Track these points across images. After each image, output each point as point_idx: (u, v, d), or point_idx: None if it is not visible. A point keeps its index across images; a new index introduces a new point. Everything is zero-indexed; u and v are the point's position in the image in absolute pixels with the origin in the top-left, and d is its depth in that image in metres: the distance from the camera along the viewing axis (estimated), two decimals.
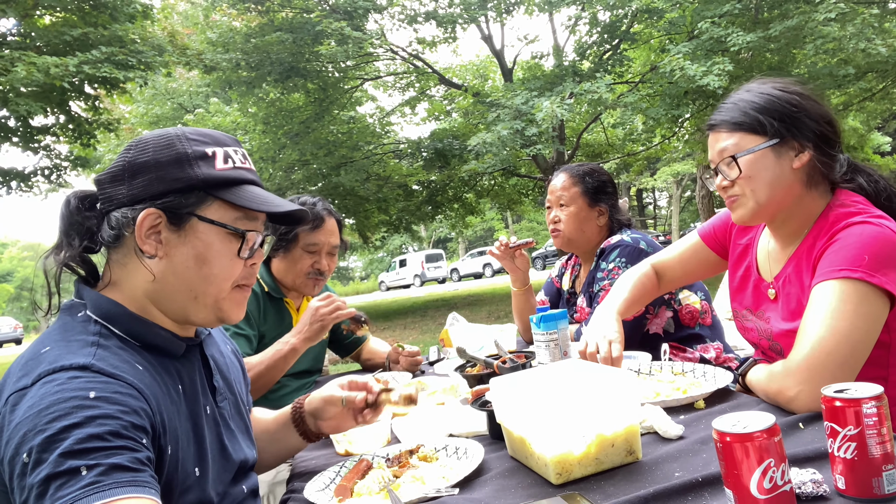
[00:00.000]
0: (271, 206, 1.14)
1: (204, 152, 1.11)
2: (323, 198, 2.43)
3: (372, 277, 46.32)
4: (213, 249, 1.11)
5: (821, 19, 9.74)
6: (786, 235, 1.56)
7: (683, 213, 36.07)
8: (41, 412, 0.90)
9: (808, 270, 1.45)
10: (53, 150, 12.57)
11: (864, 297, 1.30)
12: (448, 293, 21.82)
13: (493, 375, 1.83)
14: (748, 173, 1.47)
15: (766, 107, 1.46)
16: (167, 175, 1.08)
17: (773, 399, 1.37)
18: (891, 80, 13.91)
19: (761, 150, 1.46)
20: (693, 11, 11.65)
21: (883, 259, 1.31)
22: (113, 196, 1.09)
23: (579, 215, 2.44)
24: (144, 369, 1.04)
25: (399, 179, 16.24)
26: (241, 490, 1.25)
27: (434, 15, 14.75)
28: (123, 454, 0.89)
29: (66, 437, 0.87)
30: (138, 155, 1.09)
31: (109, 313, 1.08)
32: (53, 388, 0.92)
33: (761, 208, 1.49)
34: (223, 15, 14.85)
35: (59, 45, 10.10)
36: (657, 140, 16.97)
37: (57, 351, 0.99)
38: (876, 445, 0.88)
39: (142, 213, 1.06)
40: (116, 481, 0.86)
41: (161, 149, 1.09)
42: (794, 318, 1.47)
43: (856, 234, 1.36)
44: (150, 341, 1.11)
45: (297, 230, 2.31)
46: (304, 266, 2.36)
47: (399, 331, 12.45)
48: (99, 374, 0.96)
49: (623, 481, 1.10)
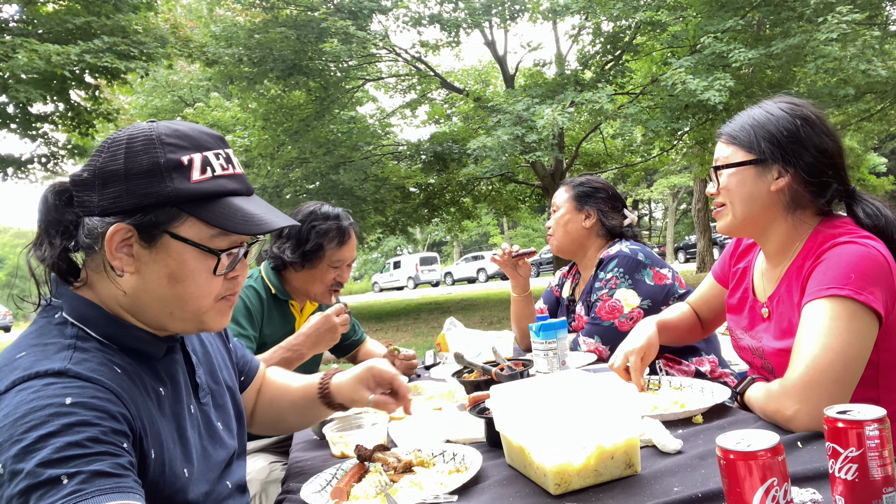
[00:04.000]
0: (250, 224, 1.05)
1: (179, 161, 1.02)
2: (345, 210, 2.40)
3: (365, 278, 46.23)
4: (186, 268, 1.04)
5: (822, 39, 9.80)
6: (774, 255, 1.59)
7: (679, 226, 36.22)
8: (16, 422, 0.87)
9: (797, 290, 1.47)
10: (51, 137, 12.53)
11: (854, 315, 1.32)
12: (441, 297, 21.81)
13: (490, 382, 1.83)
14: (727, 185, 1.56)
15: (764, 127, 1.52)
16: (138, 189, 1.00)
17: (771, 418, 1.38)
18: (889, 102, 14.04)
19: (743, 167, 1.53)
20: (696, 26, 11.71)
21: (869, 278, 1.34)
22: (85, 202, 1.04)
23: (564, 217, 2.52)
24: (123, 372, 1.02)
25: (397, 181, 16.23)
26: (226, 486, 1.23)
27: (438, 18, 14.78)
28: (105, 460, 0.87)
29: (44, 447, 0.84)
30: (108, 162, 1.02)
31: (86, 316, 1.05)
32: (28, 396, 0.89)
33: (738, 222, 1.57)
34: (227, 10, 14.84)
35: (62, 32, 10.08)
36: (656, 152, 17.04)
37: (32, 357, 0.96)
38: (877, 468, 0.88)
39: (111, 229, 1.00)
40: (99, 488, 0.84)
41: (133, 156, 1.01)
42: (785, 336, 1.50)
43: (842, 254, 1.39)
44: (129, 344, 1.07)
45: (326, 249, 2.29)
46: (328, 280, 2.34)
47: (391, 333, 12.42)
48: (75, 379, 0.93)
49: (622, 494, 1.10)
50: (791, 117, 1.50)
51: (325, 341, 2.10)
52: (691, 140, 13.94)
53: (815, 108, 1.54)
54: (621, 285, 2.29)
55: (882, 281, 1.36)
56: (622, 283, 2.29)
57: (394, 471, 1.30)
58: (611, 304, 2.27)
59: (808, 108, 1.53)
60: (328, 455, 1.58)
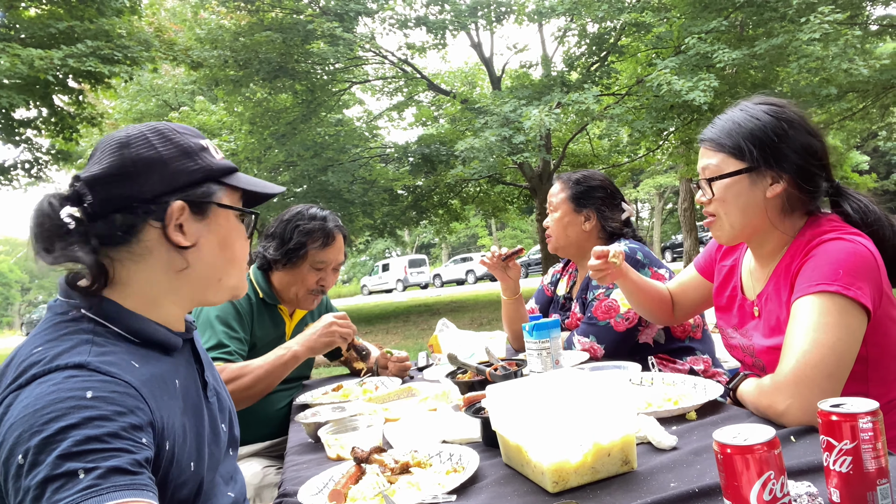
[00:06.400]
0: (266, 188, 1.24)
1: (201, 144, 1.15)
2: (333, 212, 2.37)
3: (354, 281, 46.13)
4: (232, 234, 1.19)
5: (805, 39, 9.92)
6: (764, 255, 1.60)
7: (665, 225, 36.46)
8: (37, 412, 0.87)
9: (785, 287, 1.49)
10: (35, 143, 12.38)
11: (843, 310, 1.33)
12: (431, 299, 21.79)
13: (484, 382, 1.83)
14: (721, 196, 1.53)
15: (751, 132, 1.49)
16: (183, 167, 1.11)
17: (764, 413, 1.39)
18: (870, 101, 14.23)
19: (736, 176, 1.50)
20: (680, 27, 11.81)
21: (857, 273, 1.36)
22: (115, 195, 1.06)
23: (563, 220, 2.48)
24: (141, 366, 1.03)
25: (385, 184, 16.20)
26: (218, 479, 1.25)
27: (424, 21, 14.80)
28: (122, 456, 0.87)
29: (64, 439, 0.85)
30: (141, 150, 1.08)
31: (104, 310, 1.06)
32: (49, 388, 0.90)
33: (735, 231, 1.55)
34: (212, 13, 14.75)
35: (45, 37, 9.96)
36: (642, 152, 17.15)
37: (51, 350, 0.97)
38: (871, 460, 0.89)
39: (171, 207, 1.09)
40: (114, 485, 0.84)
41: (163, 143, 1.10)
42: (774, 334, 1.51)
43: (830, 250, 1.40)
44: (148, 336, 1.09)
45: (308, 248, 2.26)
46: (310, 283, 2.31)
47: (381, 335, 12.39)
48: (95, 373, 0.94)
49: (619, 491, 1.11)
50: (777, 121, 1.49)
51: (323, 346, 2.07)
52: (677, 140, 14.03)
53: (797, 108, 1.54)
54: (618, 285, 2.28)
55: (869, 276, 1.37)
56: None
57: (391, 472, 1.30)
58: (607, 304, 2.27)
59: (791, 109, 1.53)
60: (324, 458, 1.57)
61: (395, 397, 2.04)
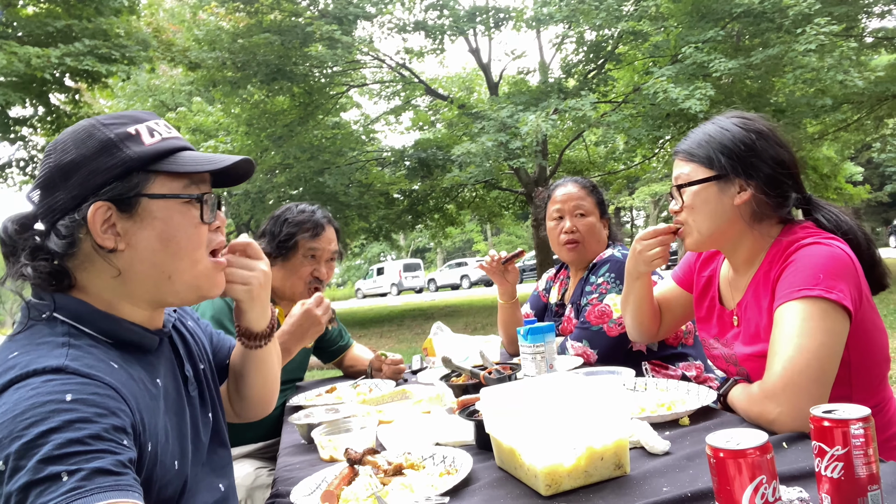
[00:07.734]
0: (214, 163, 1.11)
1: (127, 132, 1.07)
2: (322, 206, 2.42)
3: (348, 284, 46.02)
4: (173, 224, 1.09)
5: (801, 50, 9.99)
6: (741, 264, 1.62)
7: None
8: (16, 418, 0.86)
9: (766, 294, 1.50)
10: (30, 141, 12.35)
11: (825, 314, 1.35)
12: (425, 303, 21.78)
13: (479, 386, 1.83)
14: (690, 203, 1.58)
15: (721, 142, 1.54)
16: (100, 165, 1.04)
17: (755, 421, 1.40)
18: (865, 112, 14.32)
19: (705, 184, 1.55)
20: (677, 36, 11.87)
21: (836, 275, 1.37)
22: (52, 206, 1.05)
23: (596, 226, 2.49)
24: (120, 367, 1.02)
25: (381, 187, 16.21)
26: (205, 471, 1.25)
27: (423, 25, 14.83)
28: (105, 457, 0.86)
29: (46, 443, 0.84)
30: (61, 156, 1.05)
31: (77, 312, 1.05)
32: (28, 393, 0.88)
33: (704, 238, 1.59)
34: (211, 14, 14.75)
35: (42, 35, 9.96)
36: (638, 160, 17.21)
37: (27, 355, 0.95)
38: (862, 466, 0.90)
39: (89, 210, 1.03)
40: (99, 486, 0.83)
41: (82, 142, 1.06)
42: (754, 341, 1.53)
43: (808, 255, 1.42)
44: (123, 338, 1.08)
45: (298, 238, 2.30)
46: (305, 273, 2.34)
47: (375, 339, 12.37)
48: (74, 376, 0.93)
49: (612, 495, 1.11)
50: (745, 131, 1.54)
51: (310, 334, 1.98)
52: (672, 148, 14.09)
53: (767, 122, 1.58)
54: (612, 290, 2.30)
55: (849, 278, 1.39)
56: (612, 289, 2.30)
57: (384, 474, 1.30)
58: (600, 309, 2.28)
59: (760, 122, 1.57)
60: (317, 459, 1.57)
61: (388, 399, 2.04)
